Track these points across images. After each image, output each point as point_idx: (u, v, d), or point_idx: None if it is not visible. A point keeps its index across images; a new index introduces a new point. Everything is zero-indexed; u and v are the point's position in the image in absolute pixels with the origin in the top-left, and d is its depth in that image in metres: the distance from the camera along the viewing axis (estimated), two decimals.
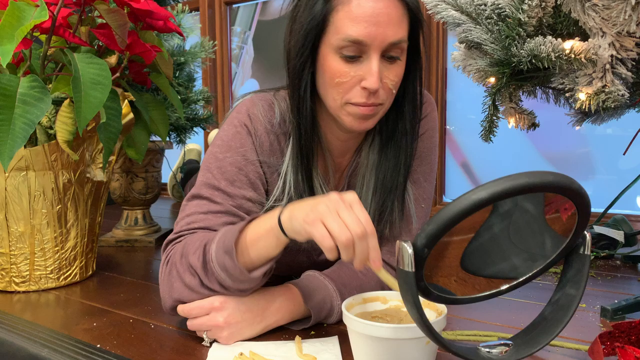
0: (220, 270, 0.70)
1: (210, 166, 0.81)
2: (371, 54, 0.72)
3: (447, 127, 1.79)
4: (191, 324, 0.74)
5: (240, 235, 0.70)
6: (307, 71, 0.76)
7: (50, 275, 1.01)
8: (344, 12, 0.72)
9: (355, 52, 0.72)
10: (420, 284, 0.50)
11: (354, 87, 0.74)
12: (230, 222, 0.78)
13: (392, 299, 0.69)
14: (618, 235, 1.19)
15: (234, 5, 2.29)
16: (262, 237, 0.69)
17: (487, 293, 0.57)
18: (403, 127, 0.83)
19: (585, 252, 0.55)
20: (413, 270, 0.48)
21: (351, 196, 0.63)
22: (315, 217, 0.61)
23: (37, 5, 0.81)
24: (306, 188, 0.81)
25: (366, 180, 0.86)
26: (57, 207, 0.99)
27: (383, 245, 0.86)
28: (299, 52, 0.75)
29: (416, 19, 0.76)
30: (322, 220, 0.61)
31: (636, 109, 1.04)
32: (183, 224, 0.79)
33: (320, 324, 0.79)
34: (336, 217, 0.60)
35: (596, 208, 0.99)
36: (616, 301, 0.85)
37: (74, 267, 1.04)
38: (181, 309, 0.76)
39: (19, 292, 1.00)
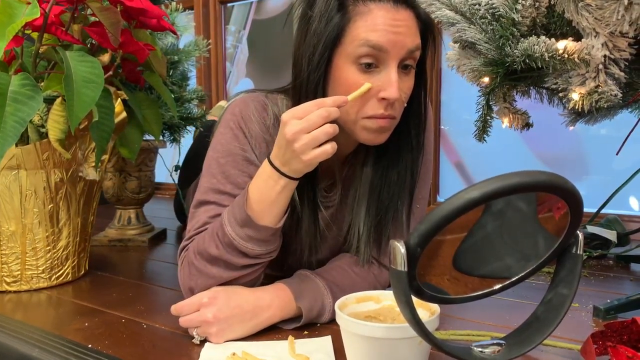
0: (246, 242, 0.72)
1: (213, 172, 0.81)
2: (389, 63, 0.71)
3: (442, 127, 1.79)
4: (182, 321, 0.74)
5: (247, 203, 0.72)
6: (322, 84, 0.75)
7: (42, 275, 1.00)
8: (362, 22, 0.71)
9: (373, 60, 0.71)
10: (413, 284, 0.50)
11: (370, 100, 0.72)
12: None
13: (385, 298, 0.69)
14: (611, 235, 1.20)
15: (228, 4, 2.28)
16: (268, 189, 0.71)
17: (480, 292, 0.57)
18: (408, 145, 0.82)
19: (578, 252, 0.55)
20: (406, 269, 0.48)
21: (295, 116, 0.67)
22: (303, 150, 0.67)
23: (29, 3, 0.81)
24: (303, 190, 0.80)
25: (358, 194, 0.85)
26: (49, 206, 0.98)
27: (375, 247, 0.86)
28: (316, 65, 0.73)
29: (427, 31, 0.77)
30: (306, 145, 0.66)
31: (629, 110, 1.05)
32: (192, 230, 0.80)
33: (313, 323, 0.79)
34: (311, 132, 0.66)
35: (589, 208, 0.99)
36: (609, 301, 0.85)
37: (66, 266, 1.04)
38: (173, 308, 0.76)
39: (10, 291, 0.99)
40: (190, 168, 1.53)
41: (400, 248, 0.48)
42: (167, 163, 1.52)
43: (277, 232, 0.74)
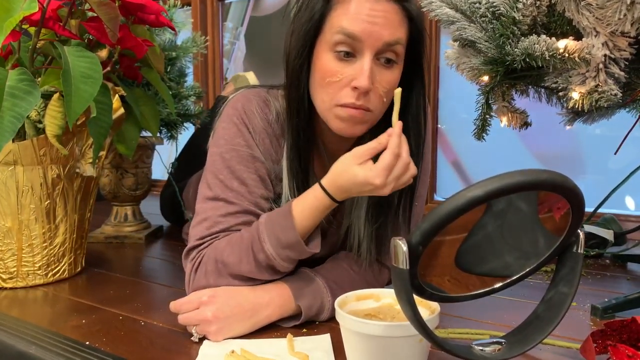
0: (284, 261, 0.75)
1: (218, 167, 0.80)
2: (364, 53, 0.71)
3: (439, 125, 1.79)
4: (181, 319, 0.74)
5: (294, 227, 0.73)
6: (305, 71, 0.76)
7: (39, 272, 1.00)
8: (342, 10, 0.71)
9: (349, 49, 0.71)
10: (414, 282, 0.50)
11: (343, 88, 0.73)
12: (249, 221, 0.78)
13: (385, 296, 0.69)
14: (608, 234, 1.20)
15: (226, 1, 2.27)
16: (315, 216, 0.73)
17: (481, 291, 0.57)
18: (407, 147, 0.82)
19: (579, 251, 0.56)
20: (407, 267, 0.48)
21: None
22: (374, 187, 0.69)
23: None
24: (303, 190, 0.80)
25: (357, 198, 0.84)
26: (46, 203, 0.98)
27: (375, 247, 0.85)
28: (298, 52, 0.75)
29: (416, 28, 0.76)
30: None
31: (627, 109, 1.05)
32: (203, 229, 0.79)
33: (312, 321, 0.79)
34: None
35: (586, 207, 0.99)
36: (606, 300, 0.85)
37: (63, 263, 1.03)
38: (172, 305, 0.75)
39: (6, 288, 0.98)
40: (188, 159, 1.53)
41: (402, 246, 0.48)
42: (163, 160, 1.51)
43: (309, 253, 0.76)
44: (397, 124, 0.70)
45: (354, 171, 0.68)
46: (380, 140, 0.69)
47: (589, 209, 1.25)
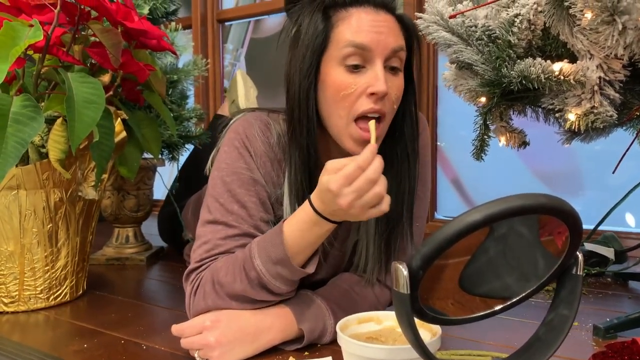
0: (275, 279, 0.73)
1: (219, 190, 0.81)
2: (375, 61, 0.74)
3: (438, 143, 1.80)
4: (184, 343, 0.74)
5: (285, 244, 0.72)
6: (313, 91, 0.77)
7: (40, 295, 1.00)
8: (345, 25, 0.74)
9: (359, 61, 0.74)
10: (415, 306, 0.50)
11: (360, 97, 0.74)
12: (248, 244, 0.78)
13: (387, 319, 0.69)
14: (608, 252, 1.20)
15: (226, 23, 2.30)
16: (305, 230, 0.71)
17: (482, 313, 0.57)
18: (404, 152, 0.83)
19: (578, 273, 0.56)
20: (408, 292, 0.48)
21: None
22: (359, 213, 0.67)
23: (32, 25, 0.81)
24: None
25: None
26: (48, 226, 0.98)
27: (382, 268, 0.85)
28: (306, 73, 0.76)
29: (411, 37, 0.79)
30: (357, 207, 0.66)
31: (624, 128, 1.06)
32: (202, 252, 0.79)
33: (314, 344, 0.79)
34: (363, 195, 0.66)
35: (586, 225, 1.00)
36: (608, 319, 0.85)
37: (64, 286, 1.03)
38: (174, 329, 0.75)
39: (7, 312, 0.98)
40: (187, 180, 1.53)
41: (402, 270, 0.48)
42: (165, 181, 1.52)
43: (305, 273, 0.75)
44: (373, 144, 0.68)
45: (322, 179, 0.68)
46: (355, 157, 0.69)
47: (588, 225, 1.26)
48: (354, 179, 0.65)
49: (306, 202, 0.72)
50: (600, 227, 1.28)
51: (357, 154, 0.76)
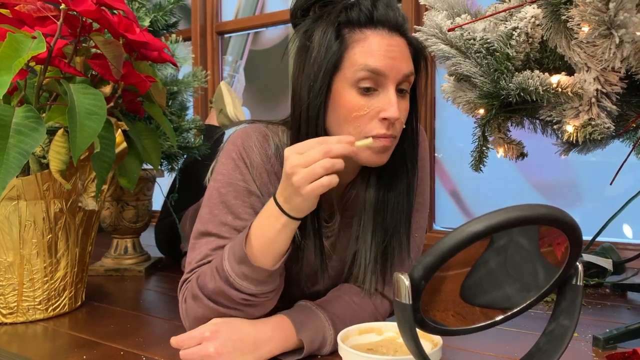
0: (242, 280, 0.72)
1: (214, 202, 0.81)
2: (388, 86, 0.75)
3: (436, 154, 1.81)
4: (183, 354, 0.74)
5: (247, 240, 0.72)
6: (322, 110, 0.77)
7: (39, 307, 0.99)
8: (359, 48, 0.75)
9: (372, 84, 0.75)
10: (417, 316, 0.50)
11: (371, 120, 0.75)
12: None
13: (388, 330, 0.69)
14: (607, 263, 1.21)
15: (225, 35, 2.32)
16: (267, 225, 0.71)
17: (482, 324, 0.57)
18: (404, 166, 0.84)
19: (578, 283, 0.56)
20: (410, 302, 0.49)
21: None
22: (300, 184, 0.67)
23: (34, 37, 0.82)
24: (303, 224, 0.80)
25: (363, 222, 0.85)
26: (48, 237, 0.98)
27: (377, 278, 0.86)
28: (317, 92, 0.76)
29: (418, 60, 0.81)
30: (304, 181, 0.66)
31: (621, 140, 1.07)
32: (194, 263, 0.80)
33: (313, 355, 0.78)
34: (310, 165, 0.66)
35: (584, 236, 1.00)
36: (607, 330, 0.86)
37: (63, 297, 1.03)
38: (174, 340, 0.75)
39: (5, 323, 0.98)
40: (184, 190, 1.53)
41: (404, 281, 0.49)
42: (163, 191, 1.52)
43: (274, 274, 0.74)
44: (352, 141, 0.69)
45: (284, 165, 0.69)
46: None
47: (587, 237, 1.26)
48: (310, 149, 0.67)
49: (272, 197, 0.73)
50: (598, 238, 1.29)
51: (372, 164, 0.78)
